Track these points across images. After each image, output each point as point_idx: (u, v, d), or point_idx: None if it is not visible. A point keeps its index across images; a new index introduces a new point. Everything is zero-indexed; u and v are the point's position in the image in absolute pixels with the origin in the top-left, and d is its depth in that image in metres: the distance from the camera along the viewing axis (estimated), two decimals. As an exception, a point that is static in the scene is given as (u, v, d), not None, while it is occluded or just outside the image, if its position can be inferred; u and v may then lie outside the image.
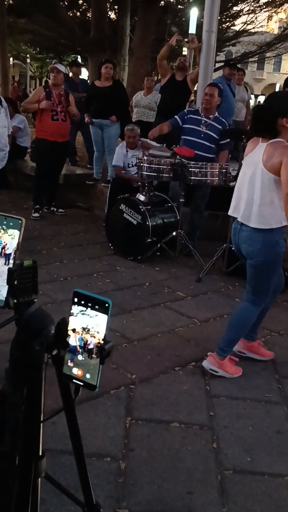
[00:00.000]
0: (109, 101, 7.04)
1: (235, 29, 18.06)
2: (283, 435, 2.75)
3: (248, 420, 2.85)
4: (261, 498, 2.29)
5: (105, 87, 7.16)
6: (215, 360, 3.30)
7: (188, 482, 2.34)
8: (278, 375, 3.36)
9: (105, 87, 7.16)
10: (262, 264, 3.13)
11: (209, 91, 5.52)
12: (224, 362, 3.30)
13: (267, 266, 3.14)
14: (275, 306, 4.46)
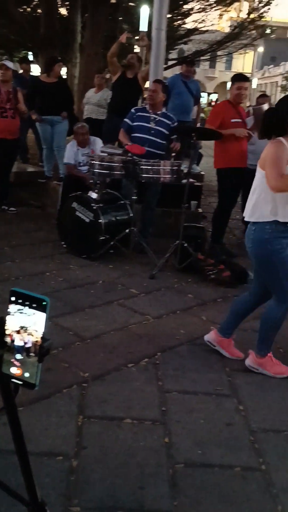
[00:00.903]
0: (56, 97, 7.00)
1: (186, 27, 18.17)
2: (233, 427, 2.80)
3: (199, 413, 2.89)
4: (212, 490, 2.33)
5: (52, 83, 7.11)
6: (254, 358, 3.39)
7: (140, 477, 2.36)
8: (228, 368, 3.42)
9: (51, 83, 7.12)
10: (260, 263, 3.23)
11: (152, 87, 5.59)
12: (263, 361, 3.36)
13: (265, 264, 3.21)
14: (226, 301, 4.56)
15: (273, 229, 3.10)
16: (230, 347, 3.59)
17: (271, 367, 3.36)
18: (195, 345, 3.72)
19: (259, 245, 3.17)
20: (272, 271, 3.21)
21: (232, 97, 5.56)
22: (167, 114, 5.69)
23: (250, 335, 3.88)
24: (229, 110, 5.50)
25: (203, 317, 4.20)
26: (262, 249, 3.16)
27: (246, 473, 2.45)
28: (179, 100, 7.86)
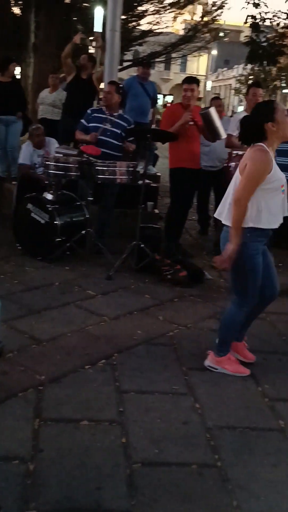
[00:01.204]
0: (11, 97, 6.92)
1: (141, 28, 18.25)
2: (190, 425, 2.83)
3: (156, 413, 2.91)
4: (169, 488, 2.35)
5: (6, 83, 7.03)
6: (212, 357, 3.43)
7: (97, 478, 2.36)
8: (185, 367, 3.46)
9: (6, 82, 7.04)
10: (233, 265, 3.23)
11: (106, 88, 5.62)
12: (222, 359, 3.41)
13: (238, 268, 3.22)
14: (183, 300, 4.61)
15: (251, 233, 3.14)
16: (244, 351, 3.63)
17: (230, 365, 3.42)
18: (152, 345, 3.74)
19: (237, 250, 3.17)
20: (242, 275, 3.25)
21: (182, 99, 5.65)
22: (123, 116, 5.71)
23: (208, 334, 3.94)
24: (180, 112, 5.56)
25: (160, 317, 4.23)
26: (239, 252, 3.16)
27: (203, 470, 2.49)
28: (136, 102, 7.89)
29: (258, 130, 3.09)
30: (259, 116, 3.12)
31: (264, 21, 13.18)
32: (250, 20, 13.01)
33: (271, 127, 3.06)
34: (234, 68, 56.49)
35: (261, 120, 3.09)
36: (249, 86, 6.40)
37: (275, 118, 3.06)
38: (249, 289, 3.27)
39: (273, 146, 3.13)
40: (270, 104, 3.19)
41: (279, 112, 3.08)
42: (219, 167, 6.54)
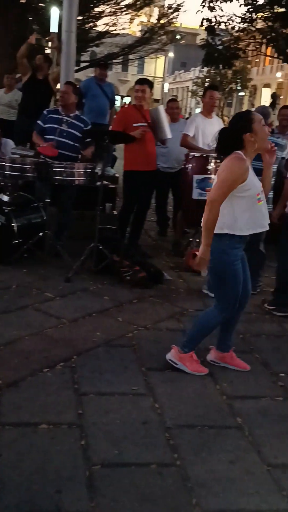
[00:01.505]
0: None
1: (98, 30, 18.20)
2: (149, 425, 2.85)
3: (115, 414, 2.91)
4: (129, 489, 2.36)
5: None
6: (175, 352, 3.44)
7: (56, 481, 2.34)
8: (144, 367, 3.47)
9: None
10: (213, 272, 3.30)
11: (63, 89, 5.59)
12: (184, 356, 3.42)
13: (218, 274, 3.29)
14: (142, 301, 4.63)
15: (230, 240, 3.19)
16: (234, 360, 3.63)
17: (190, 363, 3.44)
18: (111, 346, 3.74)
19: (216, 256, 3.22)
20: (223, 281, 3.30)
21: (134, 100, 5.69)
22: (80, 117, 5.69)
23: (167, 335, 3.97)
24: (132, 113, 5.59)
25: (119, 319, 4.23)
26: (219, 259, 3.22)
27: (162, 470, 2.51)
28: (95, 103, 7.89)
29: (236, 141, 3.14)
30: (237, 127, 3.17)
31: (220, 25, 13.38)
32: (206, 23, 13.19)
33: (250, 138, 3.11)
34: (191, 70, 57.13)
35: (240, 131, 3.14)
36: (206, 88, 6.49)
37: (253, 128, 3.11)
38: (231, 296, 3.32)
39: (250, 156, 3.19)
40: (247, 115, 3.23)
41: (256, 122, 3.13)
42: (177, 169, 6.60)
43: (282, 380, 3.50)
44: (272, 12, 13.03)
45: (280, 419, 3.05)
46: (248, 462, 2.64)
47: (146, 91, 5.61)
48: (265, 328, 4.37)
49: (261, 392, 3.33)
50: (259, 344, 4.03)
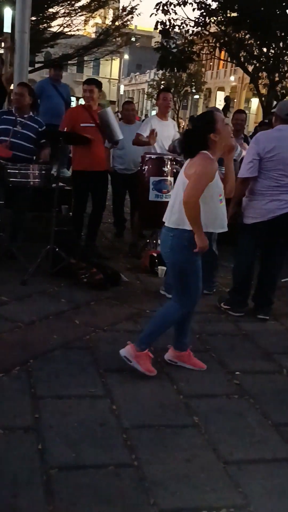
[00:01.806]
0: None
1: (52, 30, 18.08)
2: (106, 426, 2.85)
3: (73, 417, 2.90)
4: (86, 491, 2.36)
5: None
6: (132, 349, 3.42)
7: (13, 486, 2.32)
8: (102, 369, 3.47)
9: None
10: (174, 268, 3.34)
11: (17, 90, 5.53)
12: (140, 355, 3.41)
13: (179, 270, 3.32)
14: (99, 303, 4.62)
15: (192, 236, 3.20)
16: (191, 359, 3.65)
17: (144, 363, 3.43)
18: (68, 349, 3.73)
19: (178, 252, 3.27)
20: (184, 277, 3.34)
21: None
22: (35, 118, 5.63)
23: (124, 336, 3.97)
24: (80, 114, 5.58)
25: (76, 321, 4.22)
26: (181, 255, 3.26)
27: (119, 470, 2.52)
28: (50, 104, 7.84)
29: (201, 141, 3.19)
30: (201, 128, 3.22)
31: (174, 28, 13.50)
32: (160, 26, 13.28)
33: (214, 138, 3.16)
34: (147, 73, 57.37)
35: (204, 131, 3.18)
36: (159, 91, 6.55)
37: (217, 128, 3.17)
38: (192, 292, 3.38)
39: (216, 155, 3.24)
40: (209, 115, 3.28)
41: (219, 122, 3.19)
42: (133, 170, 6.62)
43: (237, 378, 3.57)
44: (224, 17, 13.24)
45: (235, 417, 3.11)
46: (204, 459, 2.68)
47: (94, 91, 5.61)
48: (221, 327, 4.44)
49: (217, 391, 3.38)
50: (215, 343, 4.09)
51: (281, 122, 4.40)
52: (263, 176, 4.39)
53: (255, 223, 4.48)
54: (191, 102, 47.30)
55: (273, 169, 4.33)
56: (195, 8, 13.39)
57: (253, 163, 4.37)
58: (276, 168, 4.32)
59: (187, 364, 3.64)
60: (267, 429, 3.02)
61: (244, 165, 4.47)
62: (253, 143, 4.45)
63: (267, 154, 4.31)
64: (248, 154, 4.47)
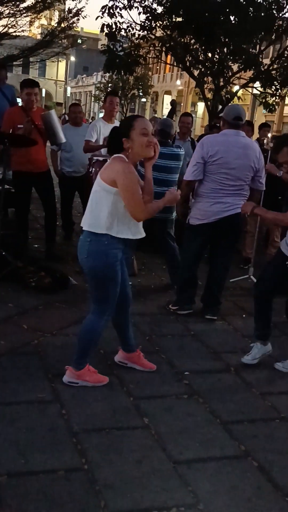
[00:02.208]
0: None
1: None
2: (56, 431, 2.83)
3: (22, 423, 2.86)
4: (36, 497, 2.33)
5: None
6: (71, 372, 3.34)
7: None
8: (51, 374, 3.44)
9: None
10: (92, 274, 3.20)
11: None
12: (82, 373, 3.33)
13: (97, 277, 3.19)
14: (48, 307, 4.58)
15: (109, 241, 3.12)
16: (141, 360, 3.64)
17: (90, 376, 3.36)
18: (16, 354, 3.67)
19: (95, 257, 3.14)
20: (102, 283, 3.22)
21: (23, 103, 5.57)
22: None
23: (74, 340, 3.94)
24: (18, 115, 5.50)
25: (24, 326, 4.16)
26: (98, 261, 3.14)
27: (70, 475, 2.50)
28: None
29: (118, 143, 3.14)
30: (120, 130, 3.19)
31: (120, 31, 13.52)
32: (106, 29, 13.28)
33: (126, 143, 3.10)
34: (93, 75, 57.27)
35: (121, 134, 3.14)
36: (107, 94, 6.55)
37: (130, 135, 3.09)
38: (110, 298, 3.28)
39: (132, 160, 3.14)
40: (130, 120, 3.19)
41: (136, 130, 3.08)
42: (82, 173, 6.60)
43: (186, 378, 3.61)
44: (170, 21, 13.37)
45: (185, 416, 3.15)
46: (154, 460, 2.70)
47: (38, 93, 5.57)
48: (170, 328, 4.48)
49: (167, 391, 3.41)
50: (164, 344, 4.13)
51: (228, 126, 4.49)
52: (208, 179, 4.47)
53: (200, 224, 4.56)
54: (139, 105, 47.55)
55: (217, 173, 4.42)
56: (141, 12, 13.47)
57: (197, 166, 4.46)
58: (219, 171, 4.41)
59: (137, 365, 3.65)
60: (216, 427, 3.08)
61: (189, 168, 4.56)
62: (198, 147, 4.53)
63: (211, 158, 4.40)
64: (193, 157, 4.55)
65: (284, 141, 3.79)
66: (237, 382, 3.66)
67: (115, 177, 3.05)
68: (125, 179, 3.03)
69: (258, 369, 3.86)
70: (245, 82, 13.85)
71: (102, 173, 3.14)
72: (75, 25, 18.48)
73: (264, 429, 3.12)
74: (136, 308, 4.80)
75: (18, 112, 5.58)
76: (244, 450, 2.89)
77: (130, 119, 3.23)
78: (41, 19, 20.06)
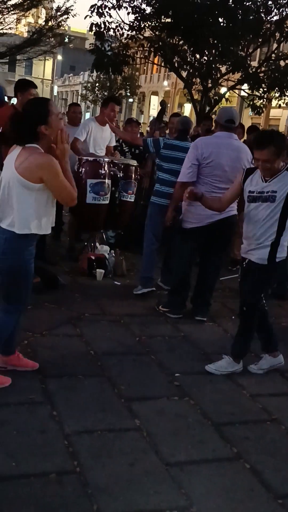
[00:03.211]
0: None
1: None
2: (47, 433, 2.79)
3: (12, 425, 2.82)
4: (27, 501, 2.30)
5: None
6: None
7: None
8: (41, 375, 3.40)
9: None
10: (8, 273, 3.06)
11: None
12: None
13: (13, 275, 3.07)
14: (37, 307, 4.53)
15: (27, 238, 3.00)
16: (21, 361, 3.46)
17: None
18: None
19: (12, 256, 3.01)
20: (17, 281, 3.10)
21: (19, 103, 5.26)
22: None
23: (63, 340, 3.91)
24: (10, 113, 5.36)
25: None
26: (15, 259, 3.02)
27: (61, 478, 2.47)
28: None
29: (31, 131, 2.91)
30: (32, 117, 2.92)
31: (109, 31, 13.48)
32: (95, 28, 13.23)
33: (44, 130, 2.90)
34: (80, 74, 57.05)
35: (34, 121, 2.90)
36: (109, 100, 6.23)
37: (49, 121, 2.90)
38: (24, 295, 3.19)
39: (44, 149, 2.95)
40: (44, 105, 2.98)
41: (53, 115, 2.92)
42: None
43: (177, 380, 3.59)
44: (159, 22, 13.36)
45: (176, 418, 3.13)
46: (147, 462, 2.68)
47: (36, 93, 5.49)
48: (160, 329, 4.46)
49: (158, 393, 3.39)
50: (154, 346, 4.11)
51: (221, 129, 4.48)
52: (201, 181, 4.46)
53: (193, 228, 4.54)
54: (126, 105, 47.50)
55: (210, 175, 4.41)
56: (130, 12, 13.45)
57: (192, 168, 4.44)
58: (212, 173, 4.40)
59: (18, 366, 3.42)
60: (207, 429, 3.06)
61: (183, 170, 4.53)
62: (192, 148, 4.51)
63: (205, 160, 4.38)
64: (187, 159, 4.52)
65: (273, 139, 3.53)
66: (228, 384, 3.65)
67: (41, 174, 2.87)
68: (53, 172, 2.89)
69: (248, 371, 3.86)
70: (233, 84, 13.89)
71: (19, 168, 2.89)
72: (64, 23, 18.41)
73: (256, 431, 3.11)
74: (125, 309, 4.80)
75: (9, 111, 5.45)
76: (236, 452, 2.88)
77: (42, 103, 3.03)
78: (28, 17, 19.96)
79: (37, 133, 2.91)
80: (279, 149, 3.47)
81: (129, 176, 5.95)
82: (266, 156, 3.48)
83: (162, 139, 5.22)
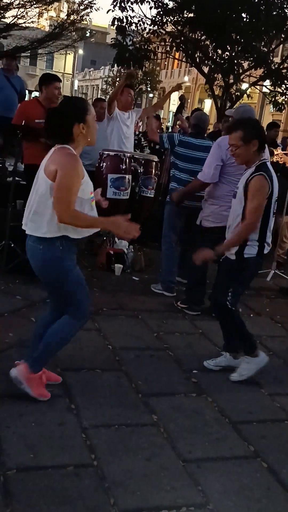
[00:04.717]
0: None
1: (5, 21, 17.67)
2: (65, 426, 2.81)
3: (30, 417, 2.84)
4: (45, 492, 2.31)
5: None
6: (24, 370, 2.98)
7: None
8: (59, 368, 3.41)
9: None
10: (52, 282, 2.95)
11: None
12: (33, 377, 2.98)
13: (59, 284, 2.93)
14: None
15: (64, 245, 2.83)
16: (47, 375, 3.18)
17: (37, 387, 3.00)
18: (25, 347, 3.61)
19: (52, 264, 2.85)
20: (67, 289, 2.95)
21: (43, 97, 5.22)
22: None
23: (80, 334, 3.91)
24: (35, 109, 5.31)
25: (32, 318, 4.13)
26: (55, 268, 2.85)
27: (79, 471, 2.48)
28: (2, 96, 7.62)
29: (67, 130, 2.79)
30: (69, 115, 2.79)
31: (131, 25, 13.47)
32: (117, 22, 13.22)
33: (81, 129, 2.78)
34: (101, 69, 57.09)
35: (71, 120, 2.77)
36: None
37: (87, 120, 2.79)
38: (81, 301, 3.00)
39: (79, 149, 2.85)
40: (82, 104, 2.88)
41: (91, 114, 2.82)
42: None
43: (194, 376, 3.59)
44: (181, 17, 13.32)
45: (193, 415, 3.13)
46: (163, 458, 2.68)
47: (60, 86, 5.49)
48: (178, 326, 4.46)
49: (175, 389, 3.39)
50: (172, 342, 4.10)
51: None
52: (224, 180, 4.40)
53: (213, 227, 4.49)
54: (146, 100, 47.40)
55: (234, 174, 4.33)
56: (152, 7, 13.43)
57: (217, 169, 4.38)
58: (237, 173, 4.33)
59: None
60: (225, 426, 3.06)
61: (207, 170, 4.45)
62: (215, 148, 4.44)
63: (230, 159, 4.31)
64: (211, 158, 4.44)
65: (243, 125, 3.46)
66: (246, 382, 3.63)
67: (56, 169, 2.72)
68: (63, 175, 2.71)
69: (266, 370, 3.83)
70: (255, 80, 13.79)
71: (46, 169, 2.79)
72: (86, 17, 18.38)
73: (273, 430, 3.10)
74: (143, 304, 4.80)
75: (34, 105, 5.41)
76: (253, 450, 2.87)
77: (80, 102, 2.94)
78: (50, 10, 19.96)
79: (72, 132, 2.79)
80: (247, 135, 3.41)
81: (150, 172, 5.94)
82: (233, 140, 3.48)
83: (177, 136, 5.14)
